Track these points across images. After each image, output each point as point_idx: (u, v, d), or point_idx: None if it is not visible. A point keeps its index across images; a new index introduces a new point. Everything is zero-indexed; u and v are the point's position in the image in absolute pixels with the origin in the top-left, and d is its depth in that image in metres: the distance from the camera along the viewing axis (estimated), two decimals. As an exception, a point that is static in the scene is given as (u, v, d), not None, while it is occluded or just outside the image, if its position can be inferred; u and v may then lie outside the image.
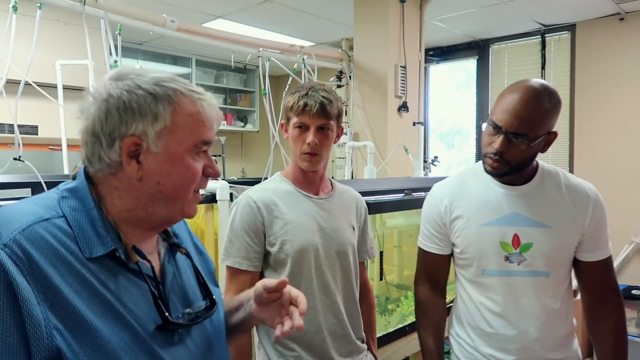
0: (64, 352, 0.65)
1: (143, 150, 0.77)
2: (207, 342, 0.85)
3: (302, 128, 1.38)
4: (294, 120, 1.38)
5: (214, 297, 0.89)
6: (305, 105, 1.35)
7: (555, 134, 1.30)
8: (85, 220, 0.74)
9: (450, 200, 1.41)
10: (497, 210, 1.34)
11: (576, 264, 1.37)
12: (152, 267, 0.81)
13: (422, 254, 1.50)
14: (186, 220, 0.99)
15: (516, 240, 1.32)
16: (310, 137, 1.36)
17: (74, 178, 0.80)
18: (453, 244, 1.43)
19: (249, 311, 0.95)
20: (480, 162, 1.39)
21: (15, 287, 0.63)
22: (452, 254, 1.46)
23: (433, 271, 1.49)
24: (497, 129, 1.26)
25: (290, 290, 0.88)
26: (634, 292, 3.53)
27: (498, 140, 1.25)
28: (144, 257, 0.79)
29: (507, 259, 1.32)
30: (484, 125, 1.31)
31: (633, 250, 3.82)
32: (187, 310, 0.83)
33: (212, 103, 0.82)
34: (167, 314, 0.77)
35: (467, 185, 1.42)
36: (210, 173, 0.84)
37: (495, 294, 1.35)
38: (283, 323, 0.85)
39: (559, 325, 1.34)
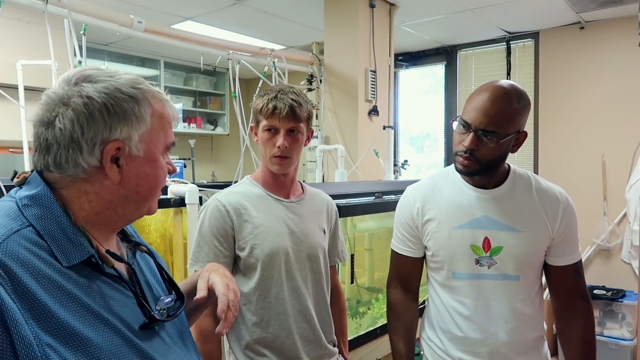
0: None
1: (124, 155, 0.76)
2: (177, 332, 0.87)
3: (272, 131, 1.37)
4: (264, 123, 1.37)
5: (180, 290, 0.90)
6: (275, 108, 1.34)
7: (525, 134, 1.31)
8: (55, 228, 0.72)
9: (422, 202, 1.42)
10: (468, 213, 1.35)
11: (546, 268, 1.39)
12: (132, 269, 0.82)
13: (395, 256, 1.50)
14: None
15: (487, 243, 1.33)
16: (280, 140, 1.35)
17: (20, 185, 0.76)
18: (425, 247, 1.43)
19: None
20: (453, 165, 1.40)
21: (3, 308, 0.60)
22: (424, 257, 1.46)
23: (405, 274, 1.49)
24: (466, 127, 1.27)
25: (215, 288, 0.88)
26: (595, 292, 3.64)
27: (468, 138, 1.26)
28: (120, 259, 0.79)
29: (477, 262, 1.33)
30: (455, 124, 1.32)
31: (595, 251, 3.95)
32: (159, 306, 0.84)
33: (172, 104, 0.85)
34: (152, 312, 0.78)
35: (439, 188, 1.42)
36: (170, 170, 0.86)
37: (465, 297, 1.36)
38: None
39: (528, 329, 1.36)
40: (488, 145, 1.25)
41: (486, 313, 1.34)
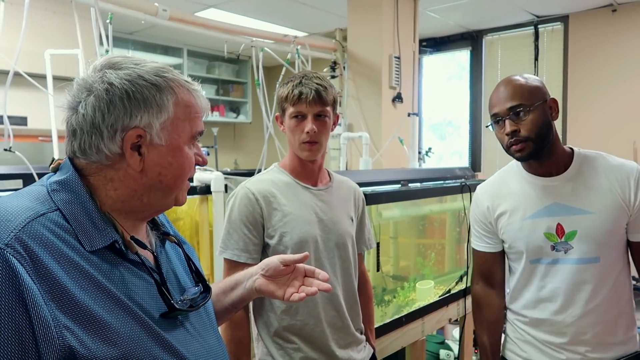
0: (76, 350, 0.64)
1: (145, 142, 0.76)
2: (202, 324, 0.87)
3: (299, 117, 1.36)
4: (290, 110, 1.36)
5: (207, 282, 0.91)
6: (301, 93, 1.33)
7: (554, 100, 1.36)
8: (81, 213, 0.73)
9: (492, 199, 1.46)
10: (537, 202, 1.37)
11: (629, 245, 1.38)
12: (155, 257, 0.82)
13: (475, 254, 1.55)
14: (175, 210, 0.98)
15: (560, 229, 1.35)
16: (308, 125, 1.34)
17: (55, 171, 0.78)
18: (502, 241, 1.46)
19: (250, 287, 0.99)
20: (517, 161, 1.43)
21: (23, 288, 0.62)
22: (504, 251, 1.49)
23: (486, 269, 1.52)
24: (499, 119, 1.34)
25: (304, 265, 0.98)
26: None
27: (506, 126, 1.32)
28: (144, 247, 0.79)
29: (553, 248, 1.36)
30: (491, 128, 1.39)
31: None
32: (183, 297, 0.85)
33: (202, 94, 0.84)
34: (172, 301, 0.77)
35: (506, 183, 1.46)
36: (199, 161, 0.85)
37: (545, 282, 1.38)
38: (298, 291, 0.94)
39: (612, 310, 1.35)
40: (525, 119, 1.30)
41: (567, 296, 1.35)
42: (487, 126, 1.40)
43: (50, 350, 0.62)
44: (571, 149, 1.40)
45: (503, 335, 1.54)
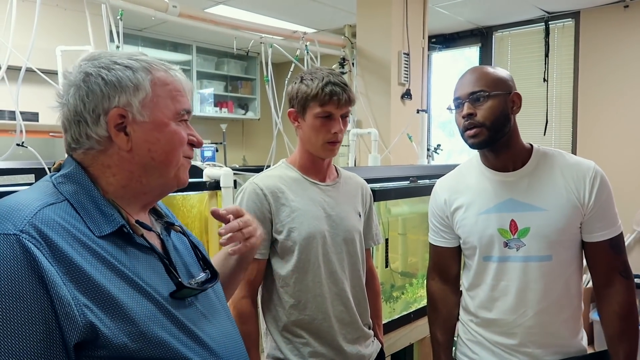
0: (98, 328, 0.67)
1: (129, 122, 0.79)
2: (212, 308, 0.89)
3: (327, 117, 1.36)
4: (317, 110, 1.35)
5: (214, 268, 0.94)
6: (332, 94, 1.33)
7: (518, 95, 1.33)
8: (87, 201, 0.76)
9: (449, 193, 1.44)
10: (493, 197, 1.35)
11: (584, 246, 1.36)
12: (162, 241, 0.86)
13: (432, 248, 1.53)
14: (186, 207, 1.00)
15: (514, 226, 1.32)
16: (337, 126, 1.36)
17: (57, 170, 0.81)
18: (458, 236, 1.44)
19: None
20: (477, 154, 1.41)
21: (42, 271, 0.64)
22: (460, 247, 1.47)
23: (442, 265, 1.51)
24: (459, 102, 1.33)
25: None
26: (636, 280, 3.52)
27: (464, 109, 1.31)
28: (149, 228, 0.82)
29: (506, 245, 1.33)
30: (453, 112, 1.37)
31: (635, 238, 3.82)
32: (191, 281, 0.87)
33: (182, 74, 0.88)
34: (179, 279, 0.80)
35: (464, 177, 1.45)
36: (194, 141, 0.87)
37: (496, 281, 1.36)
38: None
39: (562, 310, 1.34)
40: (483, 105, 1.28)
41: (517, 295, 1.33)
42: (447, 108, 1.39)
43: (73, 328, 0.65)
44: (531, 145, 1.38)
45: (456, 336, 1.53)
